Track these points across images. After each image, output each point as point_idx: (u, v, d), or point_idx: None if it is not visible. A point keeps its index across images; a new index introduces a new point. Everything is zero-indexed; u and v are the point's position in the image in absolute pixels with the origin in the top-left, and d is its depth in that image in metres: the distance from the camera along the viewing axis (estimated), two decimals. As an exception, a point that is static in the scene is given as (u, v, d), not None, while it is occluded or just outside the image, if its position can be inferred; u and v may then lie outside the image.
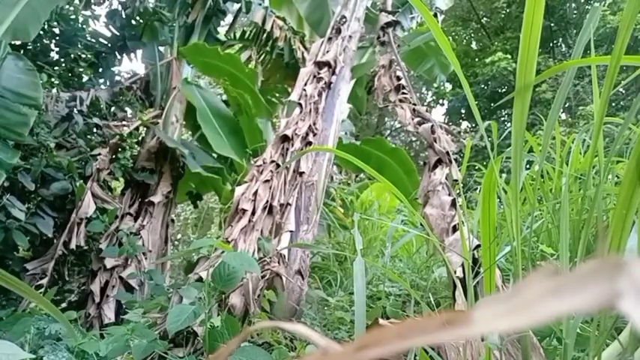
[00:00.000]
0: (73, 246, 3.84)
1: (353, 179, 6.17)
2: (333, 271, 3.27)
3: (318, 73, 3.60)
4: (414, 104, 3.17)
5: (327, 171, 3.44)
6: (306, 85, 3.53)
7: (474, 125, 15.02)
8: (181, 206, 8.52)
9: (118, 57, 5.15)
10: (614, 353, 1.03)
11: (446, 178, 2.46)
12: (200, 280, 2.38)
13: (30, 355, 1.14)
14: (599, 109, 1.04)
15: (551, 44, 14.37)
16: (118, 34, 5.06)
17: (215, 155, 5.01)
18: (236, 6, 5.92)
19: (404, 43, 4.79)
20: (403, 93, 3.29)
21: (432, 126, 2.82)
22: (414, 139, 15.85)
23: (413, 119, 3.04)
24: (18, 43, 4.42)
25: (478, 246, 1.64)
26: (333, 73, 3.66)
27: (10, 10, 3.40)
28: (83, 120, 4.21)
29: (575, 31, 13.78)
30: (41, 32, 4.60)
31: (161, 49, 5.39)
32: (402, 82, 3.39)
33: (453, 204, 2.25)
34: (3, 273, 0.88)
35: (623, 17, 0.90)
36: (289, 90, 5.77)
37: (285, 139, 3.19)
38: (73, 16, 4.84)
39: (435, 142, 2.71)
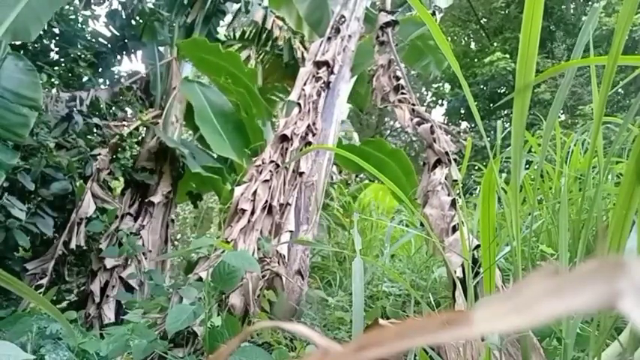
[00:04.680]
0: (73, 246, 3.84)
1: (353, 180, 6.18)
2: (333, 271, 3.27)
3: (317, 73, 3.61)
4: (413, 104, 3.17)
5: (327, 171, 3.44)
6: (305, 84, 3.53)
7: (473, 125, 15.03)
8: (180, 206, 8.51)
9: (118, 57, 5.15)
10: (614, 353, 1.03)
11: (445, 179, 2.46)
12: (200, 280, 2.38)
13: (31, 356, 1.14)
14: (598, 108, 1.04)
15: (549, 45, 14.38)
16: (118, 34, 5.06)
17: (215, 155, 5.01)
18: (236, 6, 5.92)
19: (402, 41, 4.79)
20: (402, 93, 3.29)
21: (431, 126, 2.82)
22: (414, 139, 15.85)
23: (412, 120, 3.04)
24: (18, 43, 4.42)
25: (478, 246, 1.64)
26: (332, 72, 3.66)
27: (10, 10, 3.39)
28: (83, 120, 4.20)
29: (573, 32, 13.79)
30: (41, 32, 4.59)
31: (161, 49, 5.38)
32: (401, 82, 3.38)
33: (453, 204, 2.25)
34: (3, 273, 0.88)
35: (620, 17, 0.91)
36: (288, 89, 5.76)
37: (284, 138, 3.19)
38: (72, 16, 4.84)
39: (434, 142, 2.71)
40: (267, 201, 2.88)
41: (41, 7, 3.53)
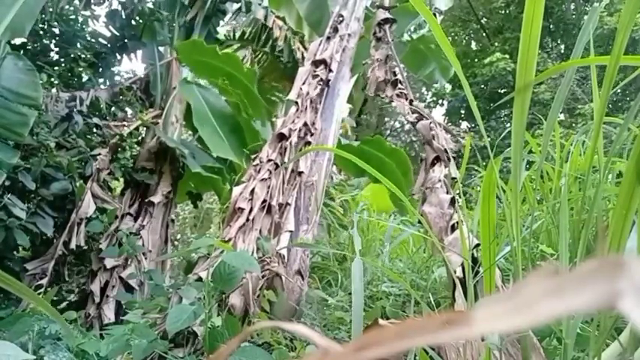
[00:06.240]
0: (73, 246, 3.84)
1: (352, 180, 6.17)
2: (333, 271, 3.27)
3: (315, 72, 3.60)
4: (411, 100, 3.17)
5: (327, 171, 3.44)
6: (303, 84, 3.53)
7: (473, 125, 15.03)
8: (180, 206, 8.51)
9: (118, 57, 5.15)
10: (614, 353, 1.03)
11: (444, 176, 2.46)
12: (200, 280, 2.38)
13: (31, 356, 1.14)
14: (599, 108, 1.04)
15: (549, 45, 14.39)
16: (117, 34, 5.06)
17: (215, 155, 5.01)
18: (236, 6, 5.92)
19: (399, 38, 4.79)
20: (400, 88, 3.28)
21: (430, 122, 2.81)
22: (414, 139, 15.84)
23: (411, 114, 3.03)
24: (18, 43, 4.42)
25: (477, 245, 1.64)
26: (330, 70, 3.65)
27: (9, 9, 3.39)
28: (83, 120, 4.20)
29: (573, 32, 13.80)
30: (41, 32, 4.59)
31: (161, 49, 5.38)
32: (399, 77, 3.37)
33: (452, 202, 2.25)
34: (2, 274, 0.88)
35: (622, 17, 0.91)
36: (285, 90, 5.77)
37: (281, 137, 3.19)
38: (72, 16, 4.84)
39: (433, 138, 2.70)
40: (265, 200, 2.88)
41: (36, 3, 3.53)
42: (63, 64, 4.69)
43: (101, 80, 5.09)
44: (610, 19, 11.39)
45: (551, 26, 14.25)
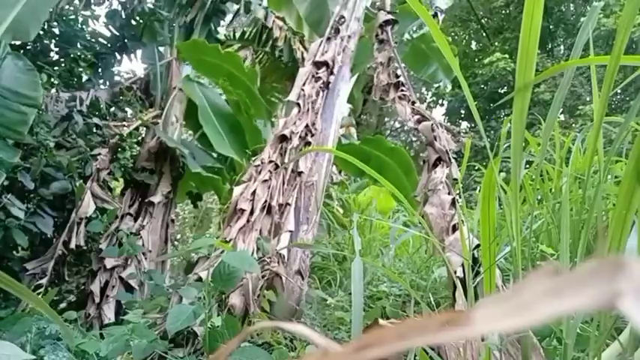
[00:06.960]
0: (72, 246, 3.84)
1: (352, 180, 6.18)
2: (333, 271, 3.27)
3: (317, 73, 3.60)
4: (413, 102, 3.18)
5: (327, 171, 3.44)
6: (304, 85, 3.53)
7: (473, 125, 15.04)
8: (180, 206, 8.51)
9: (118, 57, 5.15)
10: (614, 353, 1.03)
11: (446, 177, 2.46)
12: (200, 280, 2.38)
13: (30, 356, 1.14)
14: (599, 108, 1.04)
15: (548, 45, 14.39)
16: (117, 34, 5.05)
17: (215, 155, 5.02)
18: (236, 6, 5.92)
19: (400, 39, 4.79)
20: (402, 90, 3.29)
21: (432, 124, 2.82)
22: (414, 139, 15.85)
23: (413, 116, 3.04)
24: (18, 43, 4.42)
25: (478, 245, 1.64)
26: (332, 72, 3.66)
27: (10, 10, 3.39)
28: (83, 120, 4.20)
29: (573, 32, 13.81)
30: (41, 32, 4.59)
31: (161, 49, 5.38)
32: (401, 79, 3.38)
33: (453, 203, 2.25)
34: (2, 275, 0.88)
35: (622, 17, 0.91)
36: (287, 90, 5.76)
37: (283, 138, 3.19)
38: (72, 17, 4.83)
39: (435, 140, 2.70)
40: (266, 201, 2.88)
41: (39, 5, 3.53)
42: (63, 64, 4.69)
43: (101, 80, 5.09)
44: (607, 21, 11.41)
45: (551, 26, 14.25)
